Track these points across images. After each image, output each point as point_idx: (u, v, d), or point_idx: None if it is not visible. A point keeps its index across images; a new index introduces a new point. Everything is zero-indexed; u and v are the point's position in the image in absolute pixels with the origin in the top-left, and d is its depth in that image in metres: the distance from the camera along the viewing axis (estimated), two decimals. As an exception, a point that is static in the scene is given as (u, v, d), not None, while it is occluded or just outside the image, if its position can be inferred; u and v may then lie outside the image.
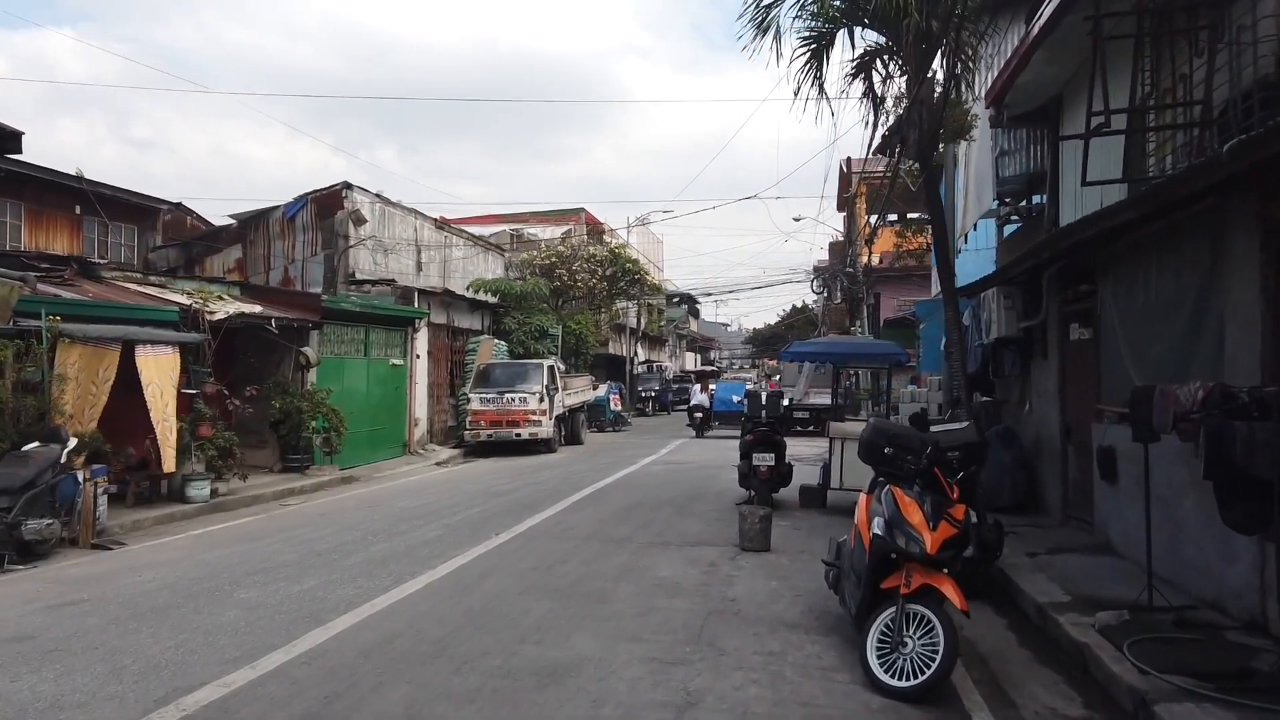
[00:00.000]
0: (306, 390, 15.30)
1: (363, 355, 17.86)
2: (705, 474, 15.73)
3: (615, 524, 10.33)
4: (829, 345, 10.86)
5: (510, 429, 20.15)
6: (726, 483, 13.90)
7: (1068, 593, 6.46)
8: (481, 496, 13.02)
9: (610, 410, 29.00)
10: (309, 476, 14.97)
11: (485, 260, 29.04)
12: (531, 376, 20.64)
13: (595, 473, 16.13)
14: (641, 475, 15.78)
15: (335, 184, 20.54)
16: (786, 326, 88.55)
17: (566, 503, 12.13)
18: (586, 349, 31.50)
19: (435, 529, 10.14)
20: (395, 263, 22.34)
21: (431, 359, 21.07)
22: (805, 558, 8.41)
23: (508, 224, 44.30)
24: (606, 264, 33.56)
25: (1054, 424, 9.50)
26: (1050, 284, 9.54)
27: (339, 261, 20.32)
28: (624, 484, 14.46)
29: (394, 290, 20.07)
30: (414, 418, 19.87)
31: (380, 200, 21.89)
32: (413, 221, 23.57)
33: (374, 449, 18.06)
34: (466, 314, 23.54)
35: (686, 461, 18.27)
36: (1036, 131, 12.83)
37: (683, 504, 11.99)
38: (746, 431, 11.55)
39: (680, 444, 23.15)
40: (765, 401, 11.09)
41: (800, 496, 11.76)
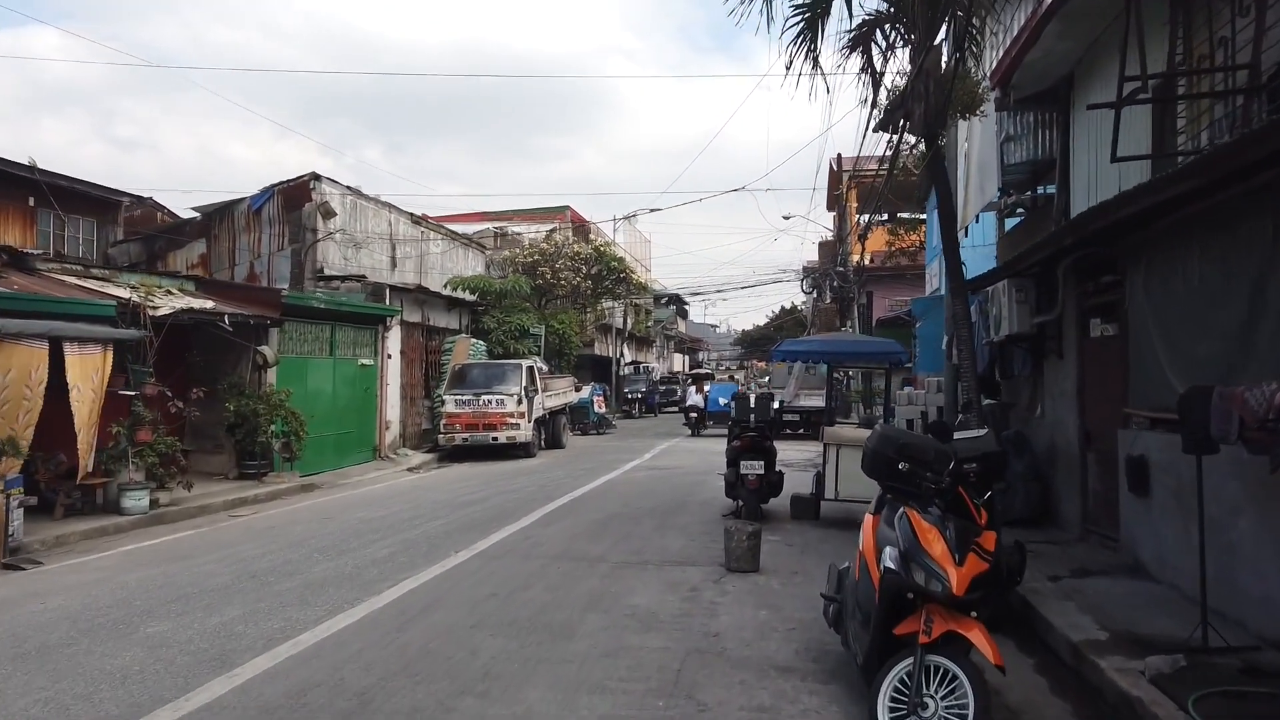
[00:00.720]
0: (264, 391, 14.30)
1: (329, 355, 16.87)
2: (690, 481, 14.82)
3: (589, 539, 9.40)
4: (823, 343, 9.98)
5: (486, 433, 19.19)
6: (712, 491, 13.01)
7: (1103, 627, 5.57)
8: (448, 507, 12.07)
9: (594, 412, 28.06)
10: (266, 484, 13.99)
11: (465, 258, 28.08)
12: (509, 377, 19.68)
13: (574, 479, 15.20)
14: (623, 482, 14.85)
15: (303, 175, 19.54)
16: (775, 328, 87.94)
17: (539, 514, 11.19)
18: (570, 349, 30.55)
19: (389, 545, 9.18)
20: (368, 258, 21.36)
21: (405, 359, 20.09)
22: (798, 580, 7.51)
23: (491, 222, 43.39)
24: (591, 262, 32.62)
25: (1071, 429, 8.62)
26: (1067, 276, 8.67)
27: (306, 256, 19.33)
28: (603, 492, 13.53)
29: (364, 287, 19.09)
30: (385, 421, 18.88)
31: (352, 193, 20.91)
32: (387, 216, 22.59)
33: (341, 454, 17.07)
34: (443, 312, 22.56)
35: (671, 467, 17.36)
36: (1045, 115, 11.98)
37: (664, 515, 11.07)
38: (734, 437, 10.65)
39: (666, 447, 22.24)
40: (754, 405, 10.18)
41: (791, 507, 10.86)
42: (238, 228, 20.58)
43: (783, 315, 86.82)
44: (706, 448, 21.92)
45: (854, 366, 11.75)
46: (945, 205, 9.44)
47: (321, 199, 19.42)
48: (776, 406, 12.31)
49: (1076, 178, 10.84)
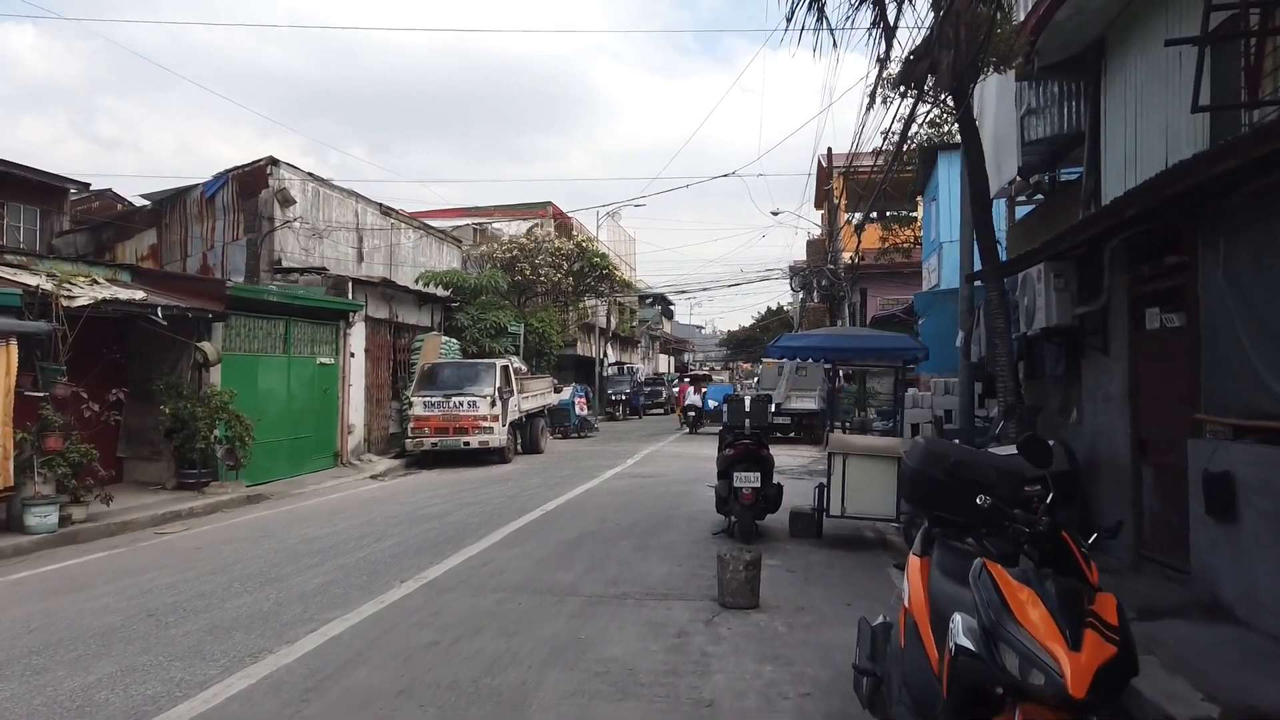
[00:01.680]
0: (204, 393, 12.92)
1: (283, 352, 15.49)
2: (675, 491, 13.55)
3: (559, 564, 8.11)
4: (826, 338, 8.76)
5: (457, 437, 17.85)
6: (700, 503, 11.75)
7: (1209, 695, 4.35)
8: (404, 522, 10.74)
9: (575, 415, 26.76)
10: (206, 495, 12.61)
11: (439, 252, 26.72)
12: (483, 378, 18.35)
13: (549, 489, 13.90)
14: (602, 492, 13.56)
15: (259, 159, 18.14)
16: (761, 328, 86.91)
17: (505, 531, 9.89)
18: (550, 349, 29.25)
19: (325, 572, 7.86)
20: (331, 250, 19.97)
21: (370, 358, 18.72)
22: (806, 621, 6.25)
23: (471, 218, 42.05)
24: (573, 258, 31.32)
25: (1119, 438, 7.41)
26: (1114, 258, 7.46)
27: (262, 246, 17.93)
28: (580, 504, 12.24)
29: (325, 280, 17.71)
30: (347, 424, 17.51)
31: (314, 180, 19.51)
32: (353, 205, 21.21)
33: (297, 460, 15.70)
34: (413, 308, 21.20)
35: (655, 475, 16.08)
36: (1072, 85, 10.80)
37: (647, 533, 9.79)
38: (726, 444, 9.40)
39: (650, 452, 20.96)
40: (750, 408, 8.93)
41: (791, 524, 9.61)
42: (190, 216, 19.14)
43: (769, 316, 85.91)
44: (693, 452, 20.66)
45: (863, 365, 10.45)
46: (975, 174, 8.20)
47: (279, 185, 18.03)
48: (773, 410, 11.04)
49: (1110, 155, 9.63)
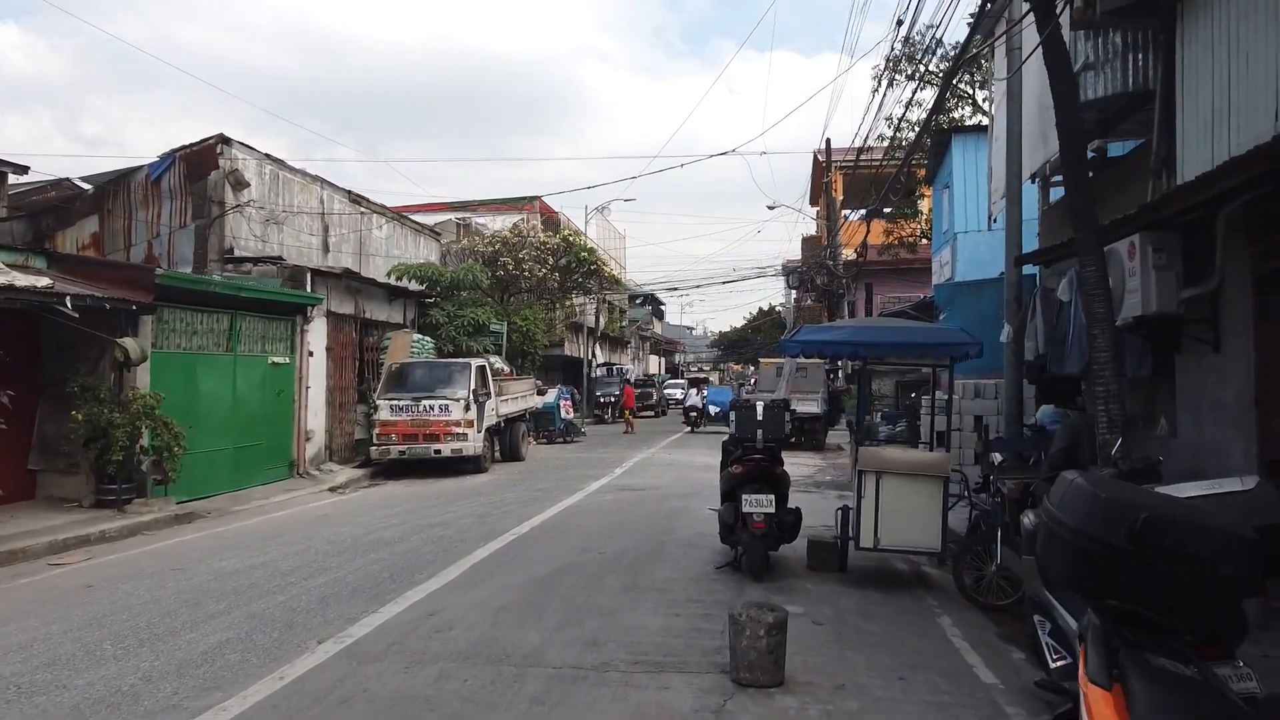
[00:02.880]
0: (126, 396, 11.22)
1: (228, 350, 13.77)
2: (670, 509, 11.90)
3: (525, 615, 6.45)
4: (858, 331, 7.13)
5: (428, 444, 16.16)
6: (700, 524, 10.11)
7: None
8: (349, 551, 9.06)
9: (560, 418, 25.08)
10: (128, 515, 10.92)
11: (415, 245, 25.03)
12: (456, 379, 16.67)
13: (526, 505, 12.24)
14: (586, 510, 11.91)
15: (209, 137, 16.44)
16: (753, 329, 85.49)
17: (465, 564, 8.22)
18: (534, 348, 27.59)
19: (227, 626, 6.19)
20: (293, 240, 18.27)
21: (332, 357, 17.02)
22: (851, 706, 4.62)
23: (454, 213, 40.43)
24: (559, 253, 29.67)
25: (1236, 457, 5.82)
26: (1230, 226, 5.87)
27: (211, 233, 16.21)
28: (559, 525, 10.58)
29: (280, 270, 16.00)
30: (304, 430, 15.80)
31: (272, 162, 17.80)
32: (318, 192, 19.50)
33: (244, 471, 13.99)
34: (382, 303, 19.49)
35: (646, 487, 14.43)
36: (1138, 35, 9.23)
37: (636, 566, 8.14)
38: (732, 459, 7.77)
39: (641, 460, 19.31)
40: (763, 417, 7.29)
41: (809, 555, 7.99)
42: (134, 201, 17.40)
43: (760, 317, 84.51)
44: (686, 460, 19.03)
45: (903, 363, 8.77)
46: (1065, 107, 6.42)
47: (231, 166, 16.32)
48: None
49: (1188, 114, 8.04)
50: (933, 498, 7.12)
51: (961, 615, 6.55)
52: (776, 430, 7.36)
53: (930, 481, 7.12)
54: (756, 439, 7.34)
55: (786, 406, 7.38)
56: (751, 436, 7.36)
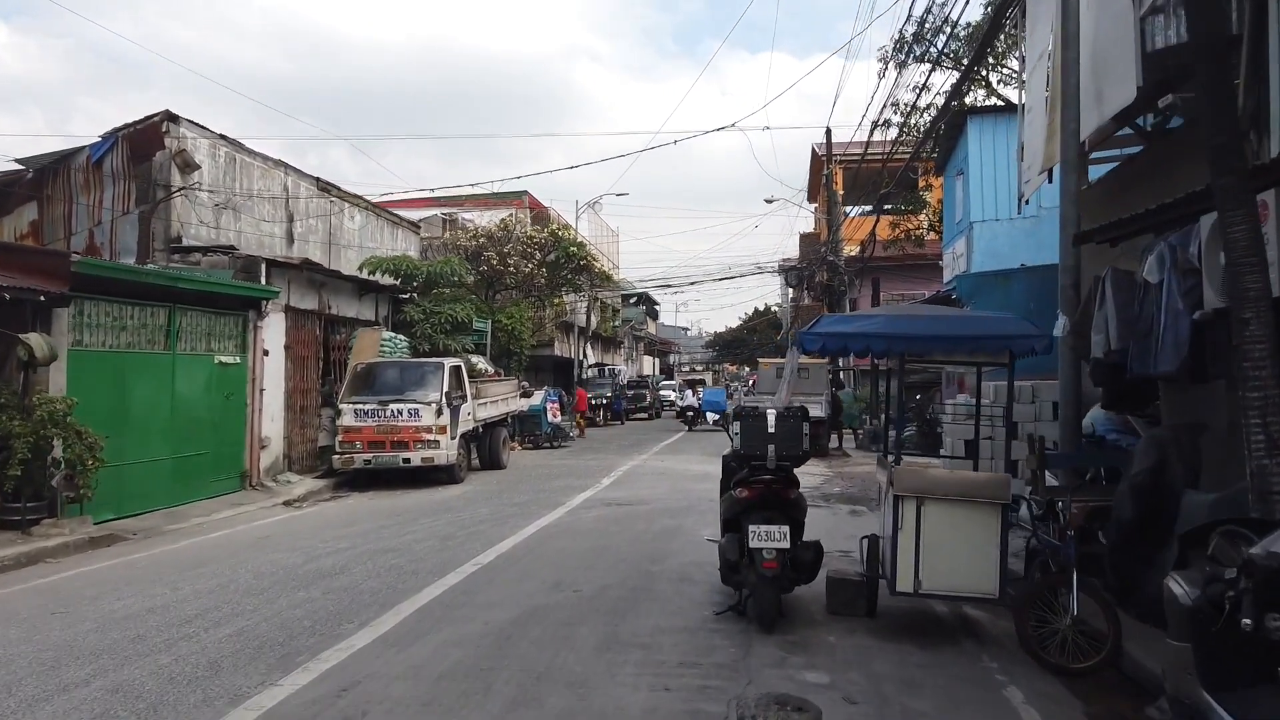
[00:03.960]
0: (30, 401, 9.71)
1: (165, 348, 12.27)
2: (661, 529, 10.43)
3: (468, 689, 4.96)
4: (894, 322, 5.65)
5: (395, 453, 14.67)
6: (695, 550, 8.66)
7: None
8: (275, 587, 7.57)
9: (547, 422, 23.59)
10: (34, 538, 9.43)
11: (393, 239, 23.55)
12: (428, 380, 15.18)
13: (497, 524, 10.76)
14: (564, 530, 10.42)
15: (154, 114, 14.92)
16: (749, 330, 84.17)
17: (404, 610, 6.72)
18: (520, 348, 26.10)
19: (61, 712, 4.70)
20: (252, 230, 16.77)
21: (291, 356, 15.50)
22: None
23: (439, 208, 38.92)
24: (547, 247, 28.19)
25: None
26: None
27: (154, 219, 14.70)
28: (531, 552, 9.10)
29: (232, 261, 14.49)
30: (259, 437, 14.29)
31: (228, 143, 16.30)
32: (281, 178, 17.99)
33: (186, 484, 12.50)
34: (350, 299, 17.99)
35: (635, 501, 12.94)
36: (1219, -31, 7.80)
37: (618, 610, 6.66)
38: (736, 479, 6.30)
39: (630, 468, 17.83)
40: (776, 429, 5.79)
41: (829, 597, 6.53)
42: (75, 186, 15.88)
43: (756, 317, 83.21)
44: (680, 469, 17.56)
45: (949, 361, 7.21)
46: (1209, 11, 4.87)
47: (178, 146, 14.80)
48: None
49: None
50: (988, 529, 5.68)
51: (1032, 683, 5.10)
52: (793, 446, 5.88)
53: (985, 509, 5.67)
54: (767, 457, 5.87)
55: (805, 415, 5.92)
56: (760, 454, 5.89)
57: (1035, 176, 10.96)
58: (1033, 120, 11.32)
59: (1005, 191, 17.41)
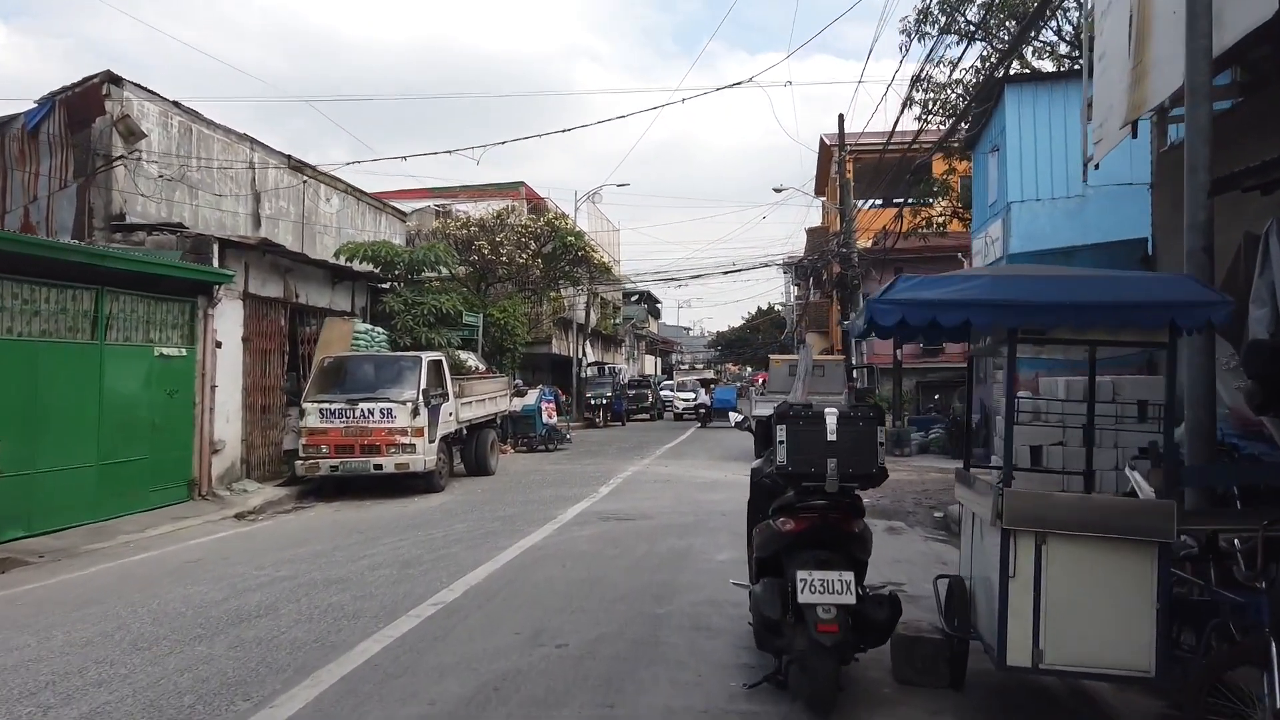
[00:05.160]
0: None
1: (91, 337, 10.58)
2: (667, 552, 8.72)
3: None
4: (1010, 284, 3.94)
5: (366, 458, 12.97)
6: (710, 581, 6.98)
7: None
8: (169, 639, 5.86)
9: (541, 423, 21.88)
10: (-95, 564, 7.73)
11: (376, 225, 21.89)
12: (404, 377, 13.48)
13: (472, 545, 9.06)
14: (552, 554, 8.71)
15: (93, 75, 13.22)
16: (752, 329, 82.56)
17: (324, 681, 5.00)
18: (514, 344, 24.39)
19: None
20: (211, 210, 15.09)
21: (250, 349, 13.81)
22: None
23: (433, 199, 37.36)
24: (542, 238, 26.51)
25: None
26: None
27: (91, 192, 13.01)
28: (507, 585, 7.38)
29: (180, 240, 12.79)
30: (210, 440, 12.60)
31: (182, 112, 14.62)
32: (247, 154, 16.31)
33: (118, 496, 10.81)
34: (322, 286, 16.29)
35: (636, 515, 11.24)
36: None
37: (612, 679, 4.95)
38: (777, 504, 4.59)
39: (631, 475, 16.11)
40: (838, 437, 4.03)
41: (896, 659, 4.83)
42: (10, 157, 14.19)
43: (759, 316, 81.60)
44: (685, 475, 15.85)
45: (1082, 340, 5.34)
46: None
47: (120, 112, 13.12)
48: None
49: None
50: (1140, 578, 3.98)
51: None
52: (863, 461, 4.14)
53: (1136, 550, 3.97)
54: (826, 475, 4.15)
55: (880, 419, 4.21)
56: (816, 470, 4.17)
57: (1114, 132, 9.26)
58: (1107, 69, 9.62)
59: (1047, 168, 15.72)
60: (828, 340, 39.30)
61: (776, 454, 4.25)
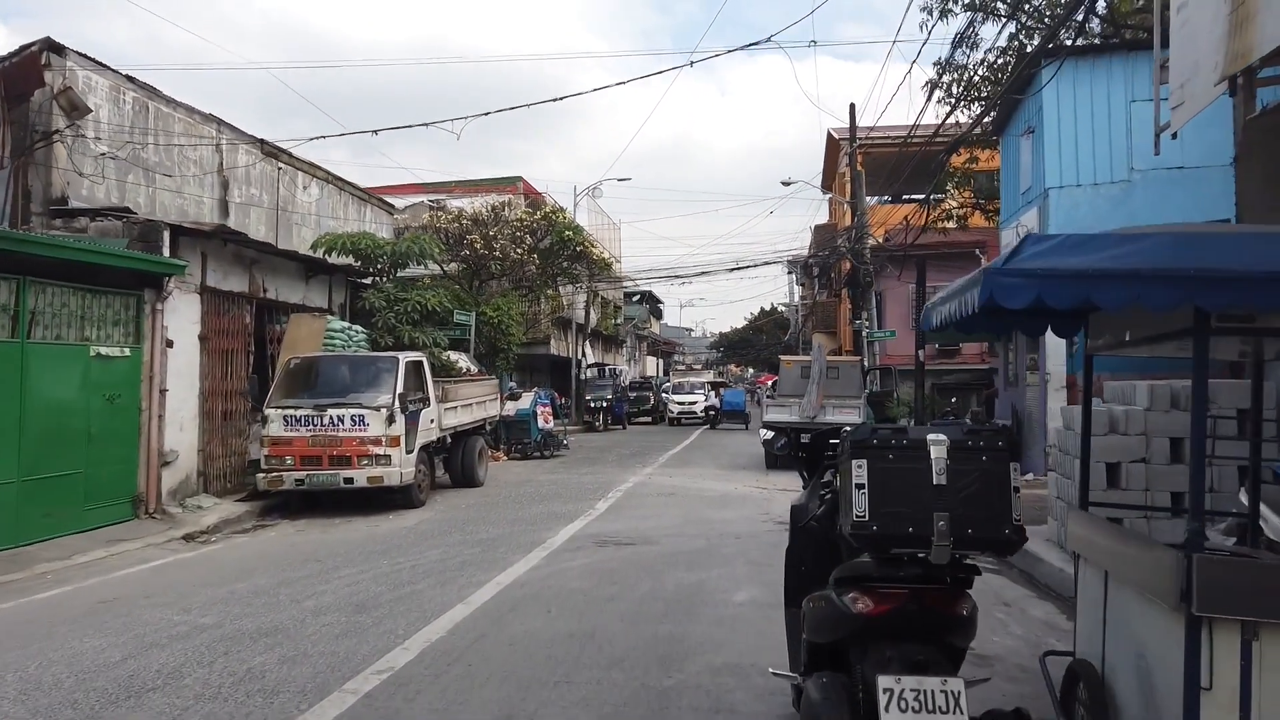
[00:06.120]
0: None
1: (13, 335, 9.20)
2: (675, 589, 7.31)
3: None
4: (1194, 246, 2.76)
5: (335, 470, 11.58)
6: (729, 637, 5.59)
7: None
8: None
9: (536, 428, 20.48)
10: None
11: (361, 218, 20.53)
12: (380, 380, 12.09)
13: (444, 578, 7.66)
14: (537, 592, 7.30)
15: (32, 43, 11.85)
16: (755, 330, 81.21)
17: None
18: (508, 344, 22.98)
19: None
20: (171, 197, 13.73)
21: (209, 349, 12.43)
22: None
23: (428, 194, 36.07)
24: (539, 232, 25.10)
25: None
26: None
27: (31, 174, 11.64)
28: (477, 642, 5.98)
29: (126, 227, 11.41)
30: (160, 451, 11.22)
31: (136, 86, 13.25)
32: (213, 135, 14.93)
33: (43, 516, 9.43)
34: (296, 281, 14.91)
35: (638, 538, 9.84)
36: None
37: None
38: (843, 572, 3.18)
39: (632, 487, 14.71)
40: (948, 477, 2.62)
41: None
42: (-57, 137, 12.81)
43: (762, 316, 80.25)
44: (694, 487, 14.44)
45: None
46: None
47: (63, 84, 11.74)
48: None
49: None
50: None
51: None
52: (992, 520, 2.62)
53: None
54: (933, 538, 2.72)
55: (1013, 450, 2.83)
56: (918, 532, 2.73)
57: (1202, 92, 7.84)
58: (1190, 19, 8.19)
59: (1089, 150, 14.32)
60: (836, 341, 37.90)
61: (851, 501, 2.84)
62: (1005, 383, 17.73)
